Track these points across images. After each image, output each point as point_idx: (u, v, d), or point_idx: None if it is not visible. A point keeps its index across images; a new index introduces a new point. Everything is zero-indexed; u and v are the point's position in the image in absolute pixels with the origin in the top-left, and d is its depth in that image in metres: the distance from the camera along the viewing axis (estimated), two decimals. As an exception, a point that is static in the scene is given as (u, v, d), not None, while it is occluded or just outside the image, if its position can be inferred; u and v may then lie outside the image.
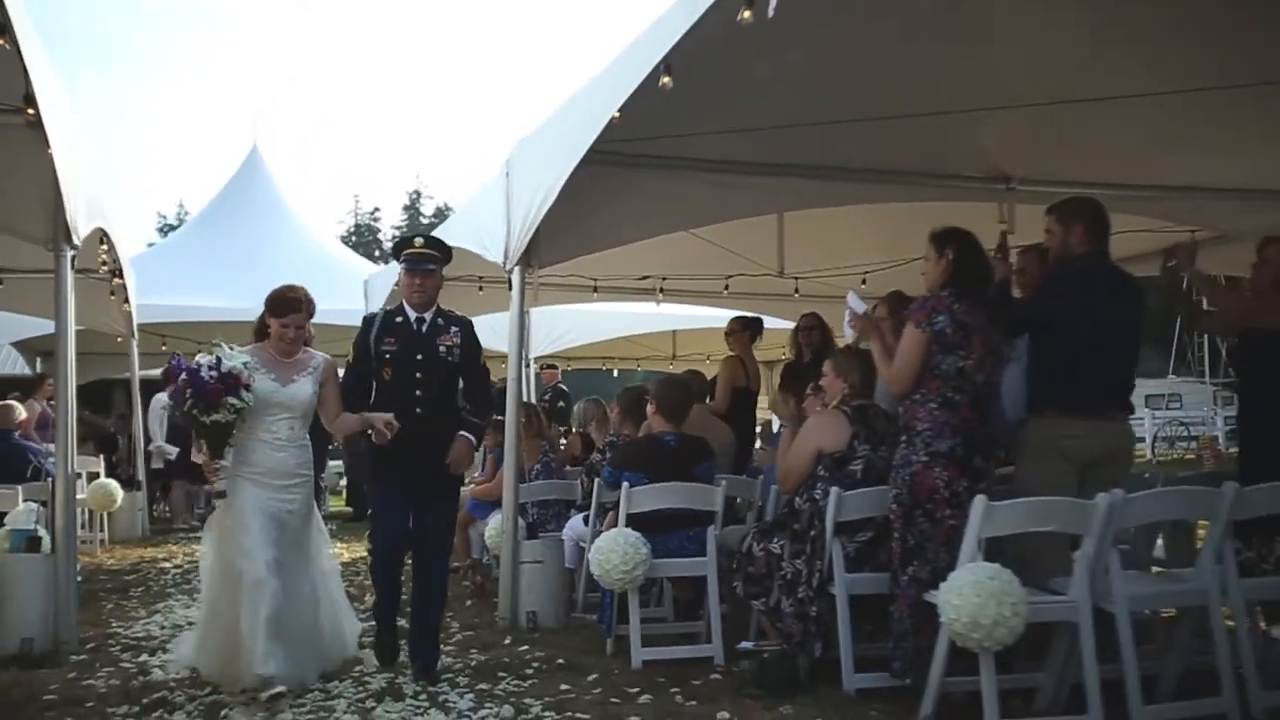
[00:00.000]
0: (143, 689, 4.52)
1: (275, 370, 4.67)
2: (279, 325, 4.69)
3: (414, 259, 4.89)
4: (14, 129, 4.95)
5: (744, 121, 5.27)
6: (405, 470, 4.76)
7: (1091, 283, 4.13)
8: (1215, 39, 4.66)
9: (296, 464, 4.70)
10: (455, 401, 4.97)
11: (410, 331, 4.86)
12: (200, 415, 4.39)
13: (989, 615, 3.39)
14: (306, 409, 4.75)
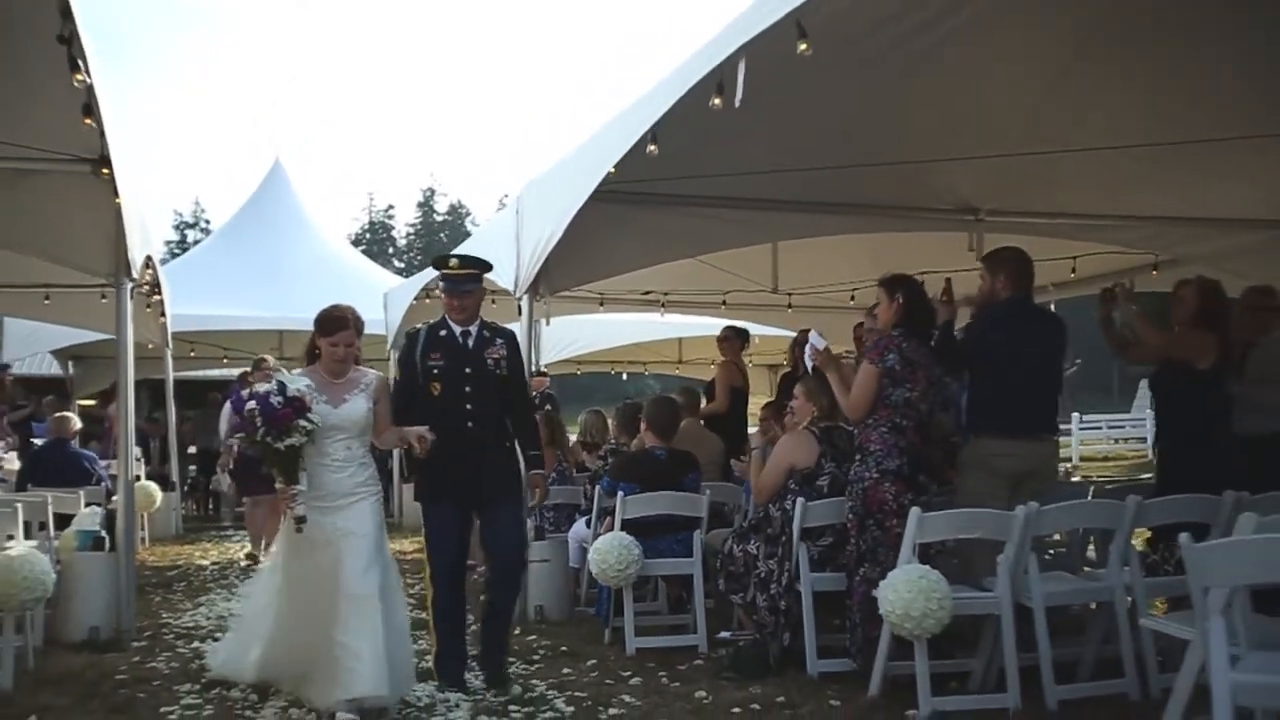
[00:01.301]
0: (200, 670, 5.26)
1: (326, 392, 4.69)
2: (328, 344, 4.73)
3: (453, 280, 4.94)
4: (83, 176, 5.71)
5: (736, 164, 5.87)
6: (459, 485, 4.81)
7: (1016, 322, 4.86)
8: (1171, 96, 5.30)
9: (355, 483, 4.68)
10: (503, 415, 4.98)
11: (457, 346, 4.92)
12: (274, 442, 4.44)
13: (918, 608, 4.11)
14: (362, 427, 4.75)
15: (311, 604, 4.53)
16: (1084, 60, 5.03)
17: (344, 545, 4.55)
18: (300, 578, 4.65)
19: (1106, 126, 5.71)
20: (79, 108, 4.69)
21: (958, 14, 4.43)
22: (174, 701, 4.73)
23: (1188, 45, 4.83)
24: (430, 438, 4.67)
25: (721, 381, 8.45)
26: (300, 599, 4.63)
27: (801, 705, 4.46)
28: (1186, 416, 5.26)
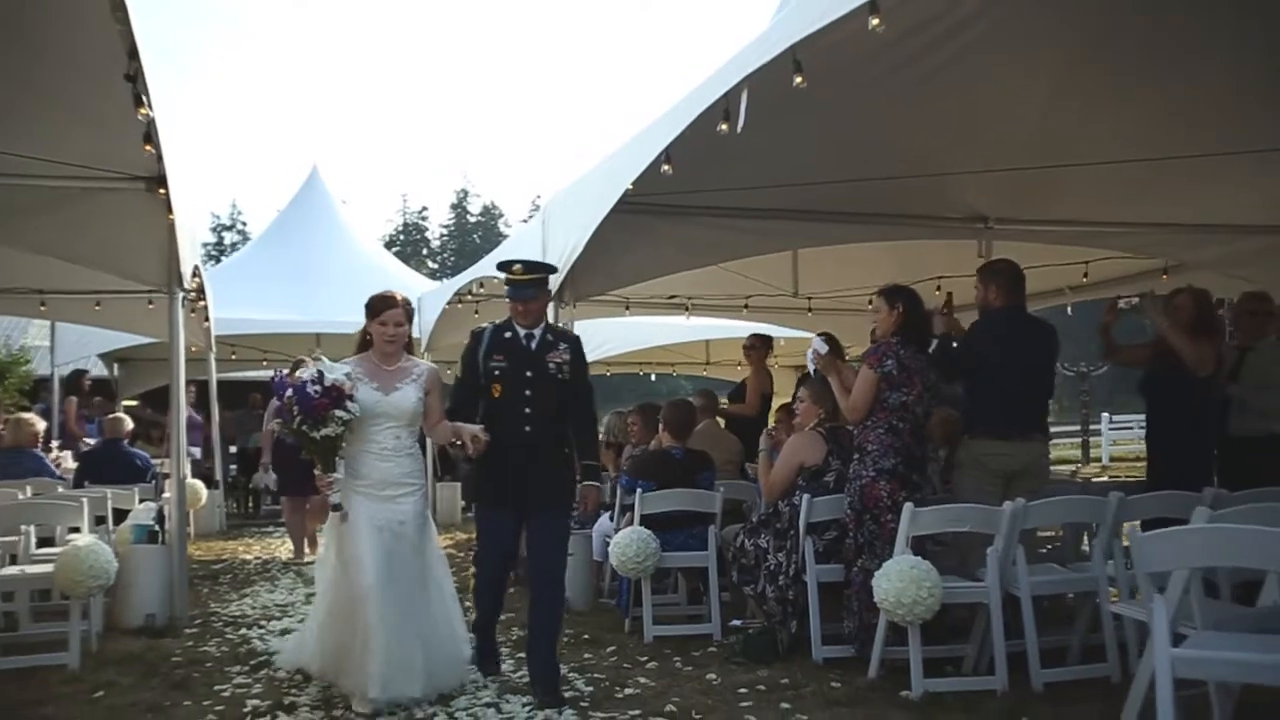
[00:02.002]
0: (248, 654, 5.76)
1: (377, 379, 4.73)
2: (378, 325, 4.79)
3: (517, 285, 4.94)
4: (139, 193, 6.20)
5: (756, 178, 6.17)
6: (511, 489, 4.81)
7: (1008, 331, 5.23)
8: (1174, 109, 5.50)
9: (404, 473, 4.73)
10: (563, 421, 4.97)
11: (520, 348, 4.92)
12: (310, 431, 4.48)
13: (910, 596, 4.49)
14: (412, 417, 4.78)
15: (355, 595, 4.55)
16: (1088, 76, 5.24)
17: (390, 538, 4.61)
18: (347, 568, 4.67)
19: (1111, 139, 5.99)
20: (139, 134, 5.16)
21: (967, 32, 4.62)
22: (225, 681, 5.19)
23: (1189, 60, 5.03)
24: (484, 439, 4.68)
25: (753, 386, 8.85)
26: (345, 588, 4.67)
27: (804, 687, 4.85)
28: (1178, 418, 5.61)
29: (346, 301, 12.32)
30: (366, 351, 4.87)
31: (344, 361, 4.76)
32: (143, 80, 4.49)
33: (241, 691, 4.99)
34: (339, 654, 4.70)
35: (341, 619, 4.70)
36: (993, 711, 4.42)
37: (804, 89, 4.25)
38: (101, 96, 4.94)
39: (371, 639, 4.43)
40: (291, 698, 4.88)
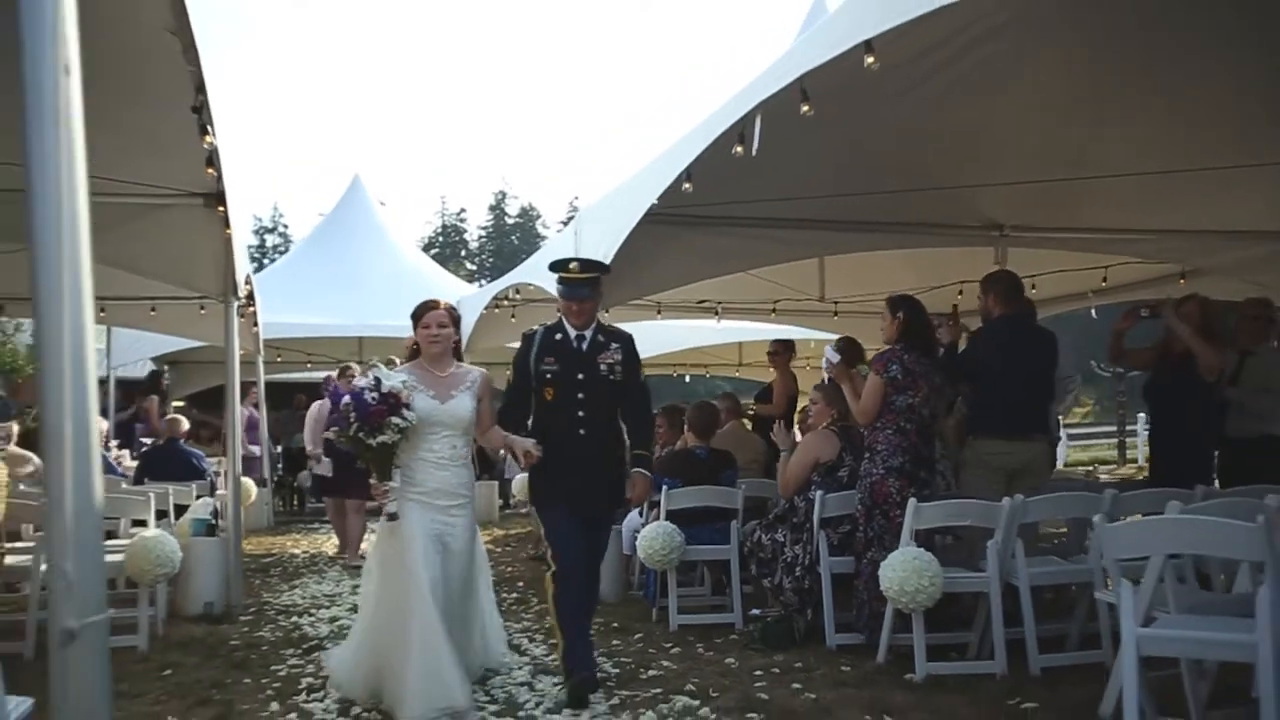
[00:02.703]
0: (300, 639, 6.24)
1: (434, 387, 4.74)
2: (422, 329, 4.84)
3: (571, 284, 4.94)
4: (196, 209, 6.71)
5: (781, 190, 6.52)
6: (569, 492, 4.84)
7: (1010, 338, 5.60)
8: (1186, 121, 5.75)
9: (459, 483, 4.76)
10: (617, 422, 4.99)
11: (571, 350, 4.91)
12: (366, 438, 4.51)
13: (912, 584, 4.88)
14: (467, 425, 4.81)
15: (404, 605, 4.53)
16: (1100, 90, 5.48)
17: (444, 548, 4.66)
18: (395, 578, 4.67)
19: (1122, 151, 6.28)
20: (201, 156, 5.66)
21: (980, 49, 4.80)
22: (280, 662, 5.67)
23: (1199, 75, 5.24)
24: (536, 454, 4.72)
25: (779, 389, 9.25)
26: (393, 600, 4.65)
27: (815, 670, 5.24)
28: (1180, 420, 5.94)
29: (387, 306, 12.92)
30: (418, 359, 4.91)
31: (398, 370, 4.81)
32: (208, 112, 4.98)
33: (296, 671, 5.47)
34: (381, 663, 4.66)
35: (386, 629, 4.65)
36: (990, 693, 4.78)
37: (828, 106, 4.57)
38: (166, 122, 5.42)
39: (414, 652, 4.40)
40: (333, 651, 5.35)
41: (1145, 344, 6.68)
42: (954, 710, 4.52)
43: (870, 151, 6.25)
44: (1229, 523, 3.49)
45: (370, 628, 4.86)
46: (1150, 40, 4.89)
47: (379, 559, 4.92)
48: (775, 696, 4.79)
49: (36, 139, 1.68)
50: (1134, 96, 5.51)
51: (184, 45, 4.45)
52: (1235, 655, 3.53)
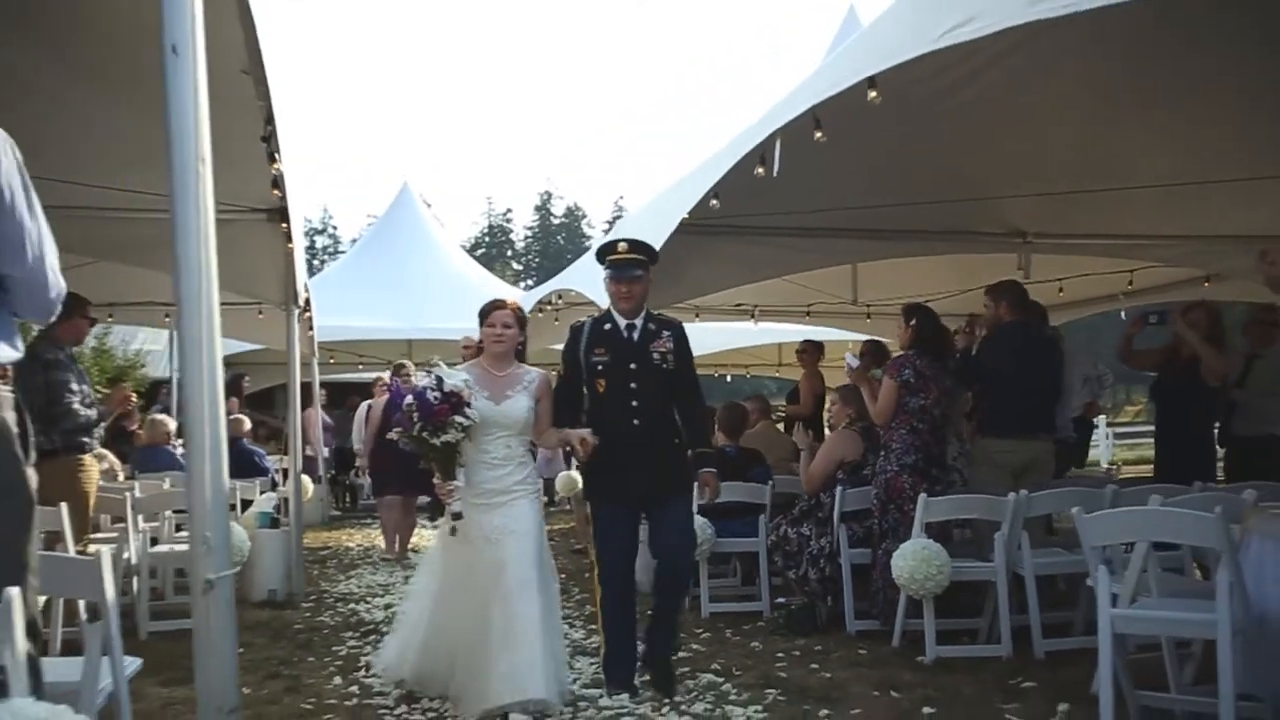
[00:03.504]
0: (358, 623, 6.82)
1: (489, 388, 4.75)
2: (488, 327, 4.85)
3: (619, 265, 4.87)
4: (261, 223, 7.30)
5: (814, 201, 6.86)
6: (626, 485, 4.80)
7: (1016, 343, 6.03)
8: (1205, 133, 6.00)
9: (514, 481, 4.72)
10: (671, 411, 4.93)
11: (621, 340, 4.86)
12: (430, 438, 4.52)
13: (921, 573, 5.33)
14: (523, 426, 4.79)
15: (468, 605, 4.57)
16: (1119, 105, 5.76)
17: (505, 545, 4.60)
18: (457, 578, 4.72)
19: (1142, 162, 6.59)
20: (268, 177, 6.24)
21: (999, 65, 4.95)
22: (341, 643, 6.25)
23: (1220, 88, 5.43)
24: (593, 441, 4.68)
25: (806, 389, 9.75)
26: (457, 600, 4.69)
27: (834, 652, 5.71)
28: (1184, 421, 6.34)
29: (435, 310, 13.55)
30: (479, 359, 4.98)
31: (458, 369, 4.85)
32: (275, 140, 5.55)
33: (355, 651, 6.03)
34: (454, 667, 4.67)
35: (455, 631, 4.67)
36: (993, 673, 5.22)
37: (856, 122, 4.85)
38: (239, 148, 6.02)
39: (490, 650, 4.43)
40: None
41: (1154, 346, 7.05)
42: (957, 688, 4.96)
43: (897, 164, 6.62)
44: (1189, 513, 3.92)
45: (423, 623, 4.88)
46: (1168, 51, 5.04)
47: (437, 557, 4.98)
48: (793, 675, 5.27)
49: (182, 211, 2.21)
50: (1154, 107, 5.73)
51: (256, 84, 5.02)
52: (1199, 633, 3.97)
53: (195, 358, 2.30)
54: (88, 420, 5.96)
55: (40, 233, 2.73)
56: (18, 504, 2.70)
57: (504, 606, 4.48)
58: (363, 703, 4.96)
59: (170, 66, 2.23)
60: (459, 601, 4.68)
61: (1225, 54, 5.12)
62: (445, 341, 13.46)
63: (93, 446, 6.09)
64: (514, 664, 4.40)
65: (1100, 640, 4.03)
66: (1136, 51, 5.08)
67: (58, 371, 5.80)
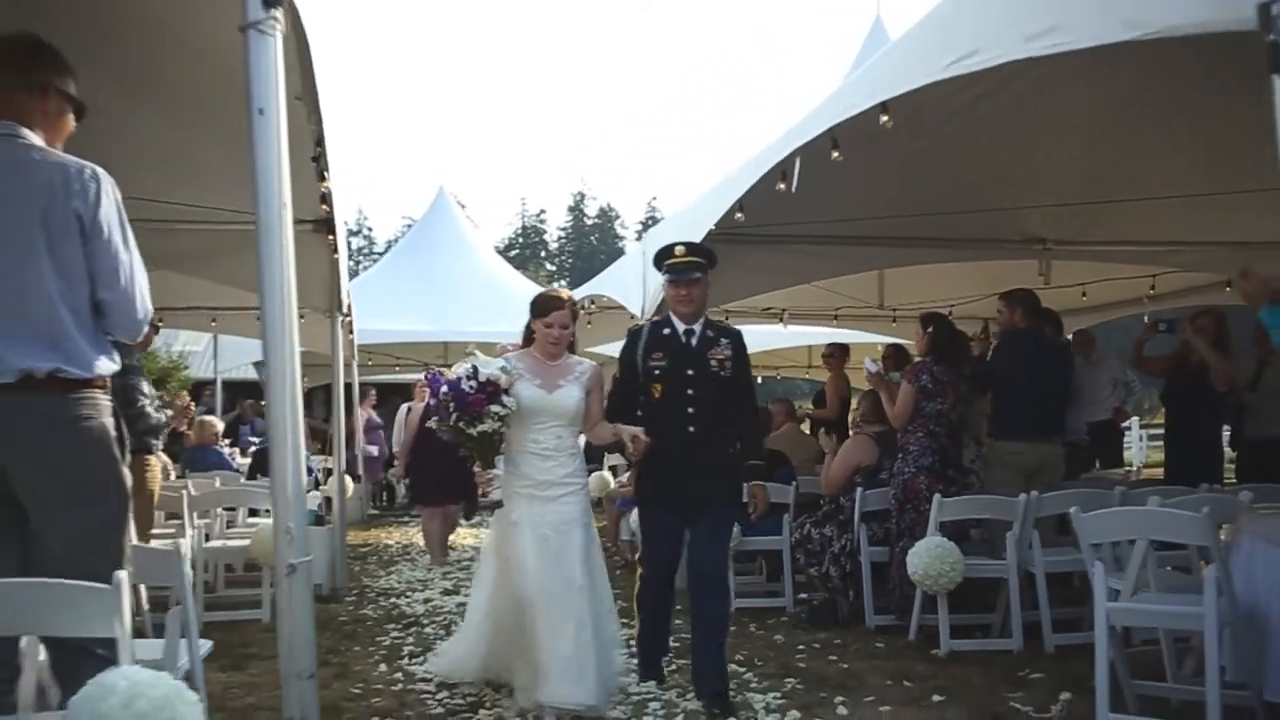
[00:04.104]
0: (400, 617, 7.22)
1: (541, 377, 4.70)
2: (543, 326, 4.78)
3: (678, 269, 4.88)
4: (307, 234, 7.72)
5: (841, 211, 7.13)
6: (677, 491, 4.78)
7: (1029, 349, 6.34)
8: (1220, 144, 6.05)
9: (566, 473, 4.68)
10: (727, 419, 4.90)
11: (679, 345, 4.85)
12: (466, 427, 4.52)
13: (935, 570, 5.65)
14: (574, 416, 4.74)
15: (517, 603, 4.56)
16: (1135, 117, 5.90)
17: (555, 539, 4.58)
18: (509, 569, 4.68)
19: (1159, 170, 6.73)
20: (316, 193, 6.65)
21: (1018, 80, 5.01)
22: (384, 634, 6.65)
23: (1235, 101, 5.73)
24: (645, 440, 4.66)
25: (832, 391, 10.06)
26: (506, 599, 4.70)
27: (852, 645, 6.05)
28: (1193, 425, 6.61)
29: (471, 313, 13.97)
30: (530, 348, 4.92)
31: (506, 355, 4.88)
32: (325, 160, 5.95)
33: (398, 641, 6.44)
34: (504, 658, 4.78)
35: (505, 625, 4.72)
36: (1003, 665, 5.53)
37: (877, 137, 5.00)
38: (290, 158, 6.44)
39: (539, 647, 4.43)
40: (439, 645, 6.29)
41: (1164, 353, 7.33)
42: (967, 678, 5.29)
43: (917, 176, 6.88)
44: (1178, 513, 4.23)
45: (485, 620, 4.93)
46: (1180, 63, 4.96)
47: (492, 554, 4.97)
48: (812, 666, 5.61)
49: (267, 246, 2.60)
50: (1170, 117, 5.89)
51: (309, 110, 5.42)
52: (1188, 625, 4.26)
53: (279, 374, 2.68)
54: (157, 423, 6.39)
55: (132, 263, 3.13)
56: (117, 500, 3.11)
57: (552, 604, 4.46)
58: (406, 688, 5.36)
59: (257, 126, 2.61)
60: (508, 600, 4.67)
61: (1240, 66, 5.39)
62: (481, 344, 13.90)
63: (157, 447, 6.53)
64: (562, 667, 4.39)
65: (1096, 631, 4.33)
66: (1149, 66, 5.12)
67: (131, 376, 6.20)
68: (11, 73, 3.08)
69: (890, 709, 4.79)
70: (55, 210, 2.97)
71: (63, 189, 2.98)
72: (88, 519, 3.04)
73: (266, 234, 2.61)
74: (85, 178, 3.02)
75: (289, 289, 2.63)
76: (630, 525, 8.98)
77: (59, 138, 3.20)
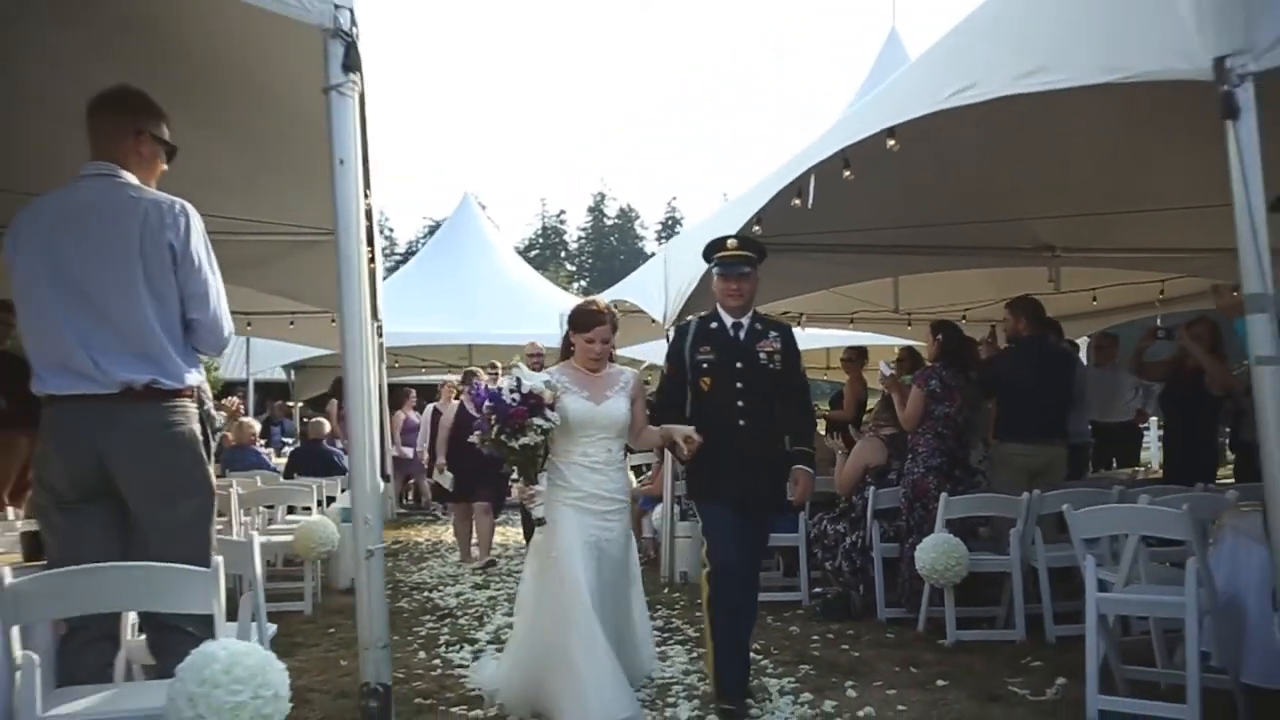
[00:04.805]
0: (434, 609, 7.67)
1: (587, 389, 4.70)
2: (584, 341, 4.78)
3: (728, 262, 4.89)
4: (343, 245, 8.18)
5: (857, 221, 7.54)
6: (731, 486, 4.76)
7: (1032, 355, 6.73)
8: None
9: (615, 488, 4.71)
10: (776, 412, 4.89)
11: (728, 339, 4.85)
12: (508, 440, 4.50)
13: (941, 564, 6.05)
14: (622, 428, 4.74)
15: (561, 617, 4.55)
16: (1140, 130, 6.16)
17: (600, 555, 4.64)
18: (552, 586, 4.68)
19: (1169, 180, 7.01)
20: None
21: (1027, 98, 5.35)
22: (420, 625, 7.10)
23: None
24: (697, 439, 4.63)
25: (850, 394, 10.50)
26: (550, 612, 4.68)
27: (863, 636, 6.46)
28: (1190, 427, 6.99)
29: (494, 316, 14.44)
30: (569, 360, 4.93)
31: (549, 370, 4.90)
32: (367, 178, 6.39)
33: (434, 631, 6.89)
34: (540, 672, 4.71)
35: (544, 638, 4.71)
36: (1006, 654, 5.93)
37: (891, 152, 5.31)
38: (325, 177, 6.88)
39: (578, 662, 4.42)
40: (472, 635, 6.74)
41: (1162, 359, 7.71)
42: (970, 665, 5.69)
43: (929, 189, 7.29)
44: (1160, 509, 4.62)
45: (528, 639, 4.90)
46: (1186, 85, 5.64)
47: (536, 567, 4.97)
48: (825, 654, 6.03)
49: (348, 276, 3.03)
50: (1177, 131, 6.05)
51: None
52: (1171, 613, 4.64)
53: (357, 389, 3.11)
54: (220, 426, 6.87)
55: (218, 286, 3.58)
56: (204, 495, 3.56)
57: (592, 619, 4.47)
58: (445, 673, 5.80)
59: (339, 174, 3.06)
60: (552, 614, 4.67)
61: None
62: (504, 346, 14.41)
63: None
64: (609, 682, 4.41)
65: (1087, 619, 4.75)
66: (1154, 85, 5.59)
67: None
68: (111, 120, 3.53)
69: (896, 692, 5.20)
70: (151, 242, 3.42)
71: (157, 223, 3.43)
72: (180, 512, 3.48)
73: (347, 265, 3.05)
74: (176, 213, 3.47)
75: (365, 314, 3.06)
76: (652, 523, 9.43)
77: (152, 176, 3.65)
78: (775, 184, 6.59)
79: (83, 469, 3.42)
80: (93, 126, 3.55)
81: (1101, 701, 4.66)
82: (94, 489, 3.43)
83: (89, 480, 3.42)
